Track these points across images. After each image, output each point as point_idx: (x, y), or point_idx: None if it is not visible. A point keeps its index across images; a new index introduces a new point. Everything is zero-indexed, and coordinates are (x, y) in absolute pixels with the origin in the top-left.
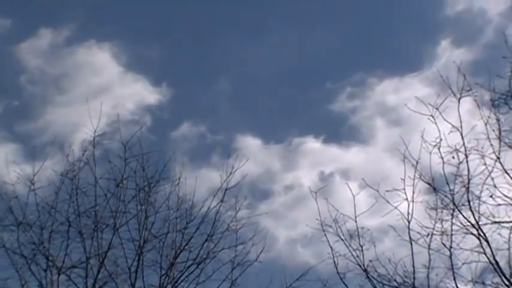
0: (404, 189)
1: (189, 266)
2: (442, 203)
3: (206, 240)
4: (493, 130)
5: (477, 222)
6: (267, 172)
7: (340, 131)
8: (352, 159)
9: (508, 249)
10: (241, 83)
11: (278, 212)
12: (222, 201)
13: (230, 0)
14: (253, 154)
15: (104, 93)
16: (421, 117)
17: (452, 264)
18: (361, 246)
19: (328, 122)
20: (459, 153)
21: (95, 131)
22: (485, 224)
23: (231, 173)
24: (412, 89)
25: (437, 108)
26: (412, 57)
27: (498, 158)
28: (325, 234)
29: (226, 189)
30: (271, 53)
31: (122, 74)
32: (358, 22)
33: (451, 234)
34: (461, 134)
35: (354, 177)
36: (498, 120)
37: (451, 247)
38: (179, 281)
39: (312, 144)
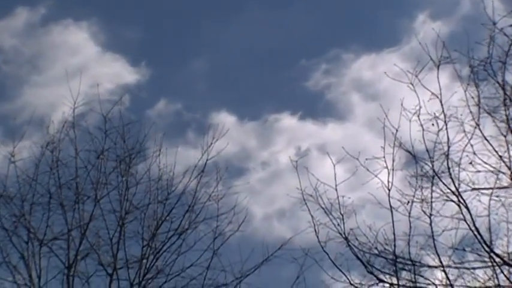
0: (384, 157)
1: (171, 237)
2: (421, 171)
3: (187, 211)
4: (472, 97)
5: (457, 189)
6: (243, 149)
7: (316, 107)
8: (330, 135)
9: (488, 215)
10: (218, 61)
11: (254, 188)
12: (203, 171)
13: None
14: (229, 131)
15: (81, 73)
16: (399, 91)
17: (432, 232)
18: (342, 215)
19: (304, 99)
20: (438, 121)
21: (74, 103)
22: (465, 191)
23: (211, 143)
24: (389, 64)
25: (416, 76)
26: (389, 32)
27: (477, 124)
28: (305, 203)
29: (207, 160)
30: (247, 31)
31: (99, 53)
32: None
33: (431, 202)
34: (441, 101)
35: (331, 152)
36: (477, 86)
37: (431, 214)
38: (161, 252)
39: (288, 120)
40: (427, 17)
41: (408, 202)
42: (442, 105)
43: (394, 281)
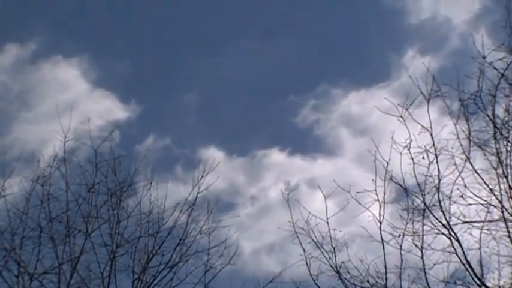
0: (375, 190)
1: (162, 270)
2: (413, 204)
3: (178, 244)
4: (463, 130)
5: (448, 223)
6: (231, 184)
7: (305, 143)
8: (319, 170)
9: (479, 248)
10: (207, 95)
11: (243, 223)
12: (194, 204)
13: (194, 13)
14: (218, 167)
15: (71, 109)
16: (388, 126)
17: (424, 265)
18: (333, 248)
19: (292, 134)
20: (429, 154)
21: (65, 137)
22: (456, 224)
23: (202, 177)
24: (379, 99)
25: (406, 109)
26: (378, 67)
27: (468, 158)
28: (297, 236)
29: (198, 193)
30: (237, 64)
31: (90, 90)
32: (322, 33)
33: (422, 235)
34: (431, 135)
35: (321, 187)
36: (468, 120)
37: (422, 248)
38: (152, 285)
39: (277, 156)
40: (416, 52)
41: (399, 235)
42: (432, 138)
43: None
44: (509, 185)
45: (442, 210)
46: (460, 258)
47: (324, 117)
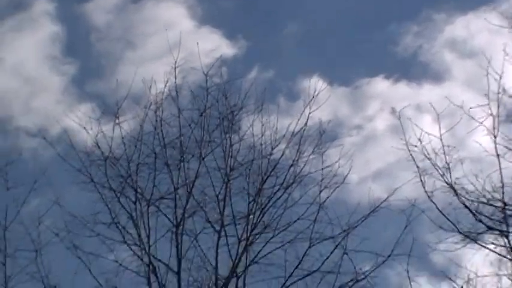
0: (488, 104)
1: (277, 192)
2: None
3: (292, 165)
4: None
5: None
6: (335, 115)
7: (409, 70)
8: (426, 96)
9: None
10: (309, 25)
11: (348, 152)
12: (305, 125)
13: None
14: (322, 99)
15: (177, 47)
16: (497, 46)
17: None
18: (447, 164)
19: (396, 62)
20: None
21: (175, 62)
22: None
23: (312, 98)
24: (485, 22)
25: None
26: None
27: None
28: (410, 154)
29: (309, 113)
30: None
31: (195, 27)
32: None
33: None
34: None
35: (429, 111)
36: None
37: None
38: (267, 207)
39: (381, 84)
40: None
41: None
42: None
43: (504, 228)
44: None
45: None
46: None
47: (428, 42)
